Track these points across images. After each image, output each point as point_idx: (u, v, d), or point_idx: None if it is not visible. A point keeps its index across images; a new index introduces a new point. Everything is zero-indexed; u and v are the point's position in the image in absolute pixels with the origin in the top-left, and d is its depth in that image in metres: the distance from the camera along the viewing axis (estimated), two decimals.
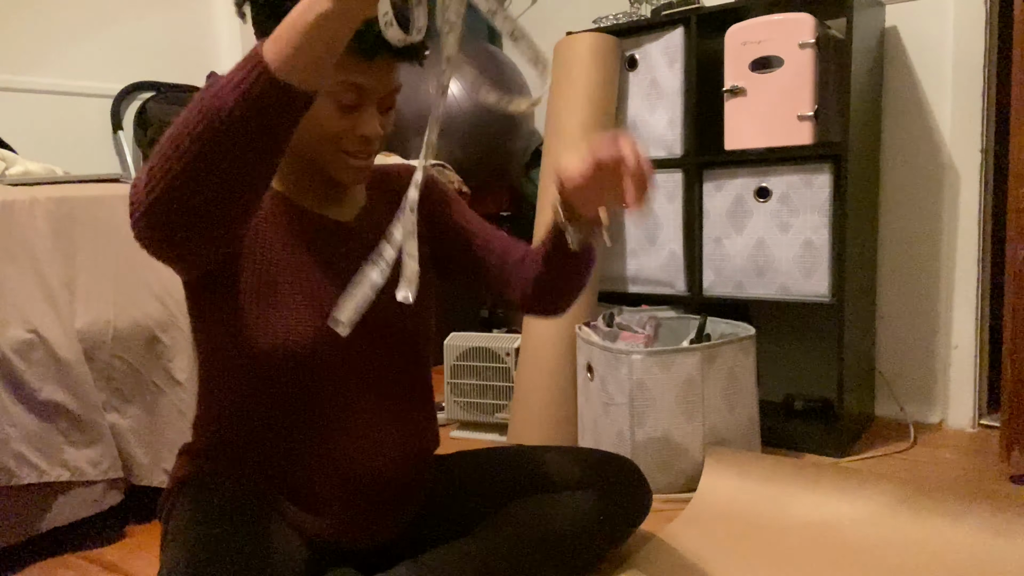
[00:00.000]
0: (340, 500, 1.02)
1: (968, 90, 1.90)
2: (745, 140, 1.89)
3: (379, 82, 0.92)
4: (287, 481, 1.01)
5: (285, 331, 0.95)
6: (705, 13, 1.98)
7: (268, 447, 1.00)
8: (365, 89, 0.92)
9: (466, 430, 2.12)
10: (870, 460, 1.77)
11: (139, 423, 1.51)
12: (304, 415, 1.00)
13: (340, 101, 0.92)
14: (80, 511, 1.41)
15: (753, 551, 1.31)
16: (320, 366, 0.98)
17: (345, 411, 1.01)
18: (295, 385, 0.98)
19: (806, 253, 1.84)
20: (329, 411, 1.00)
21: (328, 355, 0.98)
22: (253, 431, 1.00)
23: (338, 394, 1.01)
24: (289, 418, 0.99)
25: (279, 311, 0.96)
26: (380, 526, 1.07)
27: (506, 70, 2.66)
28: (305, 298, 0.97)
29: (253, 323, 0.94)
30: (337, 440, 1.01)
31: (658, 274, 2.09)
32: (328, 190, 1.05)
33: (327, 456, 1.01)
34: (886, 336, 2.08)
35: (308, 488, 1.01)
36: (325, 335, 0.97)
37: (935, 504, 1.34)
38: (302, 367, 0.97)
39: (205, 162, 0.69)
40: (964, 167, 1.93)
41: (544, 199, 2.01)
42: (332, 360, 0.99)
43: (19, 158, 1.76)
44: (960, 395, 1.97)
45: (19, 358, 1.34)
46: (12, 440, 1.32)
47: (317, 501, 1.01)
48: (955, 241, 1.96)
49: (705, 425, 1.61)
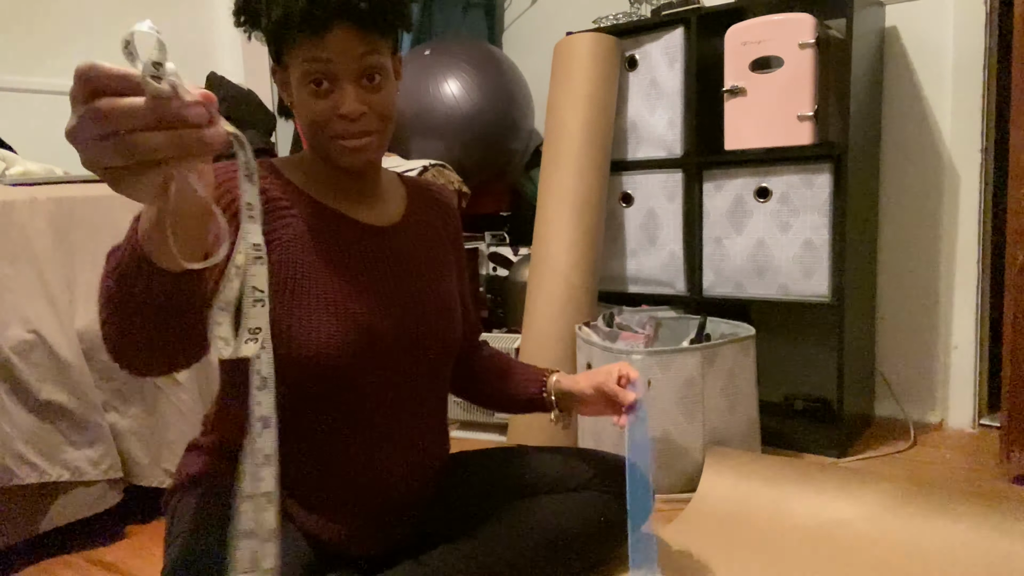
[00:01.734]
0: (352, 507, 1.02)
1: (968, 90, 1.90)
2: (745, 140, 1.89)
3: (341, 55, 0.89)
4: (300, 485, 1.00)
5: (309, 337, 0.93)
6: (705, 13, 1.98)
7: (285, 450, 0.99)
8: (327, 62, 0.89)
9: (466, 430, 2.12)
10: (870, 460, 1.77)
11: (139, 423, 1.51)
12: (325, 421, 0.99)
13: (310, 84, 0.90)
14: (80, 511, 1.41)
15: (753, 551, 1.31)
16: (345, 373, 0.96)
17: (365, 419, 1.00)
18: (317, 391, 0.96)
19: (806, 253, 1.83)
20: (349, 419, 0.99)
21: (353, 363, 0.96)
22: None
23: (360, 402, 0.99)
24: (309, 424, 0.98)
25: (304, 315, 0.93)
26: (388, 534, 1.07)
27: (507, 70, 2.66)
28: (331, 303, 0.95)
29: (277, 327, 0.91)
30: (355, 447, 1.00)
31: (658, 274, 2.09)
32: (353, 191, 1.03)
33: (344, 462, 1.00)
34: (886, 336, 2.08)
35: (321, 493, 1.00)
36: (350, 342, 0.95)
37: (935, 504, 1.34)
38: (326, 373, 0.95)
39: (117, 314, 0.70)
40: (964, 167, 1.93)
41: (545, 199, 2.01)
42: (357, 368, 0.97)
43: (19, 158, 1.76)
44: (960, 395, 1.97)
45: (19, 358, 1.34)
46: (12, 440, 1.32)
47: (329, 506, 1.01)
48: (955, 241, 1.96)
49: (705, 425, 1.61)
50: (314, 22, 0.87)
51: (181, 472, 1.04)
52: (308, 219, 0.97)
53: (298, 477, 0.99)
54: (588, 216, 1.97)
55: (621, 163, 2.12)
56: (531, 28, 2.86)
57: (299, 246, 0.95)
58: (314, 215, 0.97)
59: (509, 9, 2.93)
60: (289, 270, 0.93)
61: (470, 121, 2.51)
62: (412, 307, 1.03)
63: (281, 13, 0.87)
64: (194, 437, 1.08)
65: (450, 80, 2.52)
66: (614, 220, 2.15)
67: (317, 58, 0.89)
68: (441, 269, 1.11)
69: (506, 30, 2.95)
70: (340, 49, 0.89)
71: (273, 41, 0.93)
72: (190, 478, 1.02)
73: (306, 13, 0.86)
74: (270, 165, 1.00)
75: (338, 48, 0.89)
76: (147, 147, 0.49)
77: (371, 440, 1.01)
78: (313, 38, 0.88)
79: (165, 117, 0.50)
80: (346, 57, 0.89)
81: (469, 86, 2.52)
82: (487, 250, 2.70)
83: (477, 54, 2.61)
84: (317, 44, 0.88)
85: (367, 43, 0.90)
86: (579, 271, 1.94)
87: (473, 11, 2.87)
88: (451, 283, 1.13)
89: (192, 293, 0.69)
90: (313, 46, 0.88)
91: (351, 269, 0.98)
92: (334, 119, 0.92)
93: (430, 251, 1.10)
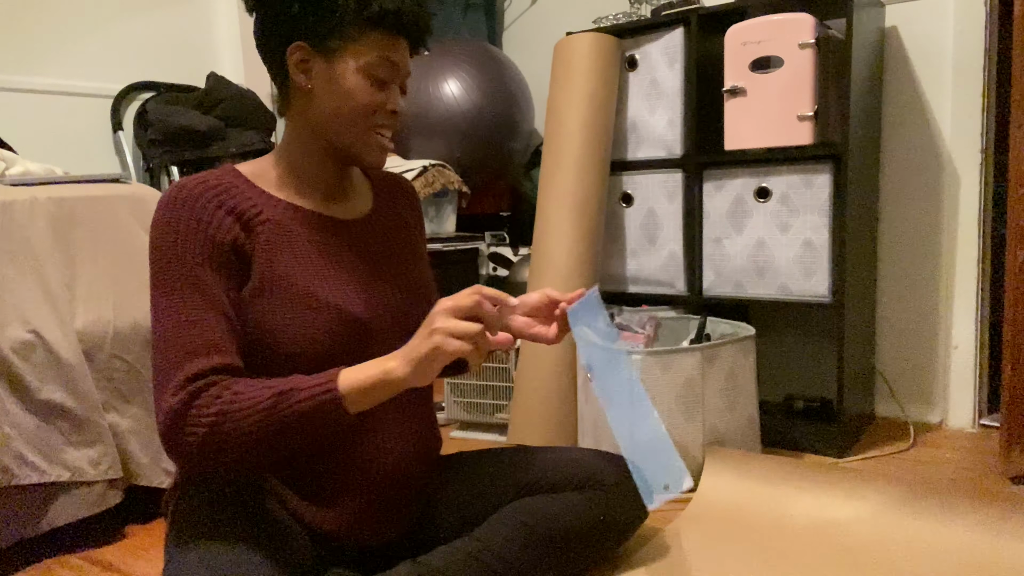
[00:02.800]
0: (353, 495, 1.03)
1: (968, 90, 1.90)
2: (745, 140, 1.89)
3: (403, 60, 1.02)
4: (302, 476, 1.01)
5: (296, 333, 0.97)
6: (705, 13, 1.98)
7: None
8: (396, 65, 1.01)
9: (466, 430, 2.12)
10: (870, 460, 1.77)
11: (139, 423, 1.51)
12: None
13: (375, 75, 0.99)
14: (80, 511, 1.41)
15: (753, 551, 1.31)
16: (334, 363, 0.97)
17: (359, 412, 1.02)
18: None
19: (806, 253, 1.83)
20: None
21: (341, 352, 0.99)
22: None
23: None
24: None
25: (288, 314, 0.97)
26: (388, 523, 1.08)
27: (506, 70, 2.66)
28: (313, 299, 0.99)
29: (262, 328, 0.96)
30: (357, 436, 1.02)
31: (658, 274, 2.09)
32: (334, 188, 1.08)
33: (346, 451, 1.02)
34: (886, 336, 2.08)
35: (323, 482, 1.02)
36: (337, 333, 0.99)
37: (935, 504, 1.34)
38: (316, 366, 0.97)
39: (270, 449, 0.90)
40: (964, 167, 1.93)
41: (545, 199, 2.01)
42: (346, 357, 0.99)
43: (19, 158, 1.76)
44: (960, 395, 1.97)
45: (19, 358, 1.34)
46: (12, 440, 1.32)
47: (331, 495, 1.02)
48: (955, 241, 1.96)
49: (705, 425, 1.61)
50: (409, 27, 1.00)
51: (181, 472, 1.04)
52: (282, 222, 1.01)
53: (301, 466, 1.01)
54: (588, 216, 1.97)
55: (621, 163, 2.12)
56: (531, 28, 2.86)
57: (275, 249, 0.99)
58: (289, 217, 1.02)
59: (509, 9, 2.93)
60: (268, 274, 0.97)
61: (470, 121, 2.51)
62: (392, 293, 1.08)
63: (395, 7, 0.97)
64: None
65: (450, 80, 2.52)
66: (614, 220, 2.15)
67: (391, 59, 1.00)
68: (413, 254, 1.17)
69: (506, 30, 2.95)
70: (403, 57, 1.02)
71: (345, 24, 0.97)
72: (190, 477, 1.02)
73: (414, 16, 0.99)
74: (236, 172, 1.02)
75: (402, 56, 1.02)
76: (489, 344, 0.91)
77: (364, 426, 1.02)
78: (393, 40, 1.00)
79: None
80: (405, 65, 1.03)
81: (469, 86, 2.52)
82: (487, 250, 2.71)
83: (477, 54, 2.62)
84: (393, 46, 1.00)
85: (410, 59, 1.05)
86: (579, 271, 1.94)
87: (473, 11, 2.87)
88: (425, 267, 1.20)
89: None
90: (389, 47, 0.99)
91: (330, 263, 1.03)
92: (383, 112, 1.02)
93: (401, 238, 1.16)
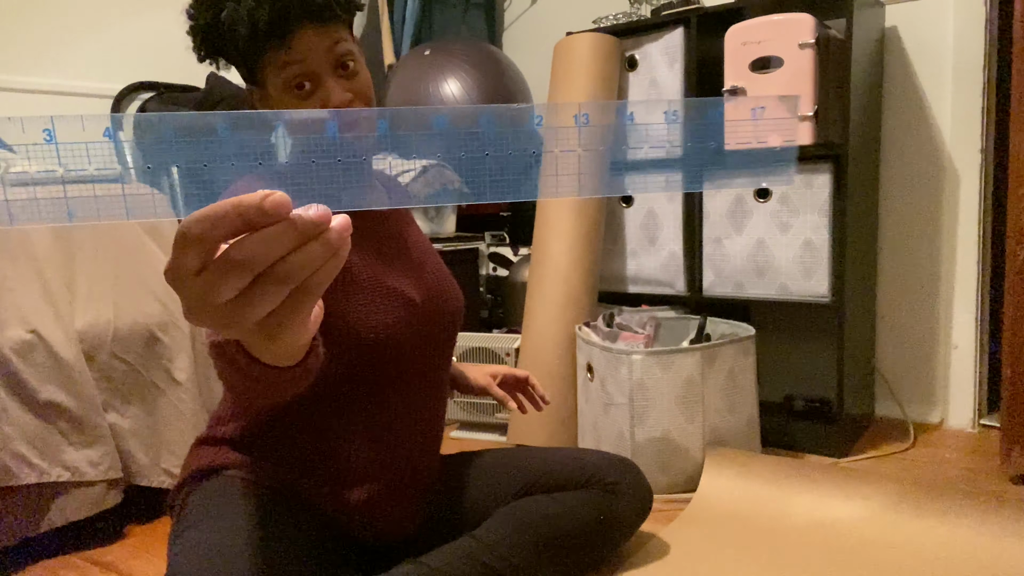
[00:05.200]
0: (371, 479, 1.04)
1: (968, 90, 1.90)
2: None
3: (311, 53, 0.92)
4: (321, 463, 1.02)
5: (368, 320, 0.98)
6: (705, 13, 1.98)
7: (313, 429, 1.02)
8: (304, 65, 0.92)
9: (466, 430, 2.12)
10: (870, 460, 1.77)
11: (139, 423, 1.51)
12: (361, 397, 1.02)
13: (295, 84, 0.93)
14: (80, 511, 1.41)
15: (753, 551, 1.31)
16: (395, 346, 1.02)
17: (397, 393, 1.05)
18: (366, 368, 1.01)
19: (806, 253, 1.83)
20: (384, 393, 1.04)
21: (402, 335, 1.02)
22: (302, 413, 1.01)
23: (398, 377, 1.04)
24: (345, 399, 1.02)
25: (358, 303, 0.98)
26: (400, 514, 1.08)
27: (506, 70, 2.66)
28: (379, 287, 1.01)
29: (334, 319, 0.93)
30: (383, 419, 1.04)
31: (658, 274, 2.09)
32: None
33: (370, 434, 1.03)
34: (886, 336, 2.08)
35: (342, 466, 1.03)
36: (401, 318, 1.01)
37: (935, 504, 1.34)
38: (381, 351, 1.00)
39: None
40: (964, 167, 1.93)
41: None
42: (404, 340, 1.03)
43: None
44: (960, 395, 1.97)
45: (19, 358, 1.34)
46: (12, 440, 1.32)
47: (348, 479, 1.03)
48: (955, 241, 1.96)
49: (705, 425, 1.61)
50: (280, 29, 0.89)
51: (189, 466, 1.05)
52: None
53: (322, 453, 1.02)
54: (588, 216, 1.97)
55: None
56: (531, 28, 2.86)
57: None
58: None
59: (509, 9, 2.93)
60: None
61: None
62: (432, 276, 1.11)
63: (247, 31, 0.90)
64: (201, 434, 1.08)
65: (450, 80, 2.52)
66: (614, 220, 2.15)
67: (291, 62, 0.91)
68: (426, 242, 1.19)
69: (506, 30, 2.95)
70: (309, 47, 0.91)
71: (244, 62, 0.95)
72: (199, 471, 1.02)
73: (271, 23, 0.89)
74: None
75: (307, 47, 0.91)
76: (302, 266, 0.39)
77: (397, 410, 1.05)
78: (282, 46, 0.90)
79: (306, 232, 0.39)
80: (317, 53, 0.92)
81: (469, 86, 2.52)
82: (487, 250, 2.71)
83: (477, 54, 2.61)
84: (287, 50, 0.91)
85: (330, 35, 0.93)
86: (579, 271, 1.94)
87: (473, 11, 2.87)
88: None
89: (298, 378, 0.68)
90: (284, 53, 0.91)
91: (381, 254, 1.05)
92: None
93: (414, 228, 1.17)
